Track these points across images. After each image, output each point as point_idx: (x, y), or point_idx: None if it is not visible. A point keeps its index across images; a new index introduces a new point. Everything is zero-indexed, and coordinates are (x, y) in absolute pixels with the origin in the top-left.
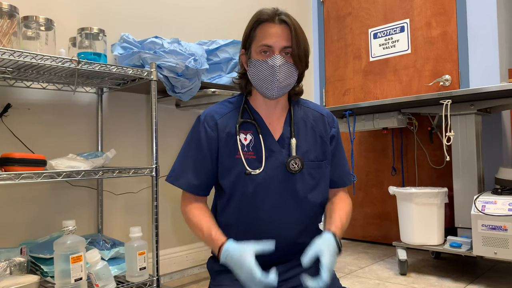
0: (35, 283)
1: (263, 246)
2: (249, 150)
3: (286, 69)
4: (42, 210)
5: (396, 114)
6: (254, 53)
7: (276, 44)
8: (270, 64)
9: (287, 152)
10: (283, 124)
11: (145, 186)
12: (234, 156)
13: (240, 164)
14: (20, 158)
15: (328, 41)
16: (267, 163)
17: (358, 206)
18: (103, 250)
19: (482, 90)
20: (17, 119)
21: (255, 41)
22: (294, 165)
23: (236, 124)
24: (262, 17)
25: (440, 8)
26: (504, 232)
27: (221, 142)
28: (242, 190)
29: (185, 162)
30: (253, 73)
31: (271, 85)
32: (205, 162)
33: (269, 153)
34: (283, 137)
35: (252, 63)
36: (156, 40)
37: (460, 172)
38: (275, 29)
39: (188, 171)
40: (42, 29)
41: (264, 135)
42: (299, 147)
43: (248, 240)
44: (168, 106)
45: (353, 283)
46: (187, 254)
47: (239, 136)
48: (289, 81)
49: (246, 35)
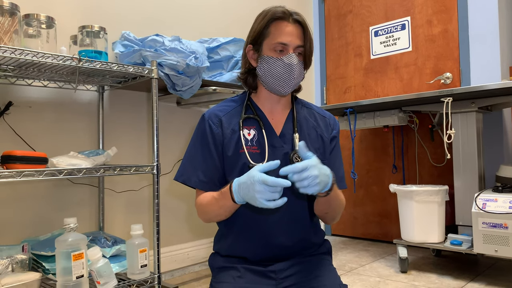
0: (37, 280)
1: (268, 165)
2: (252, 144)
3: (298, 68)
4: (43, 207)
5: (397, 112)
6: (267, 50)
7: (291, 42)
8: (286, 62)
9: (289, 147)
10: (285, 120)
11: (146, 184)
12: (238, 151)
13: (244, 158)
14: (21, 156)
15: (329, 39)
16: (270, 158)
17: (359, 204)
18: (104, 248)
19: (483, 88)
20: (18, 117)
21: (269, 38)
22: (297, 159)
23: (240, 119)
24: (277, 15)
25: (441, 5)
26: (504, 230)
27: (226, 139)
28: None
29: (194, 160)
30: (265, 69)
31: (286, 83)
32: (213, 159)
33: (271, 148)
34: (285, 132)
35: (264, 59)
36: (157, 38)
37: (460, 170)
38: (290, 28)
39: (197, 169)
40: (43, 27)
41: (267, 130)
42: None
43: (251, 234)
44: (169, 104)
45: (354, 280)
46: (188, 252)
47: (243, 131)
48: (300, 79)
49: (257, 32)
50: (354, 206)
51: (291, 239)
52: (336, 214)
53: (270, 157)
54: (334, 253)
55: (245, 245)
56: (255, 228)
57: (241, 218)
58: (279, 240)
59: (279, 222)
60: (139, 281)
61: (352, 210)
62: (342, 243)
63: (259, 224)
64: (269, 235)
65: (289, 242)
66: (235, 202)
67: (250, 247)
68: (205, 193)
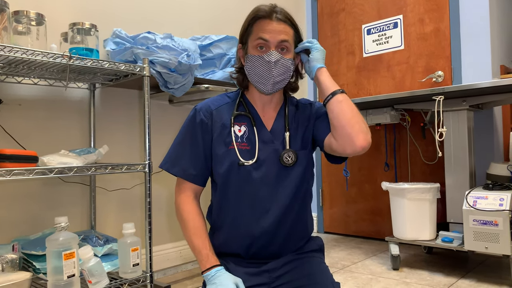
0: (28, 280)
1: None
2: (242, 141)
3: (281, 64)
4: (34, 206)
5: (389, 110)
6: (251, 48)
7: (272, 38)
8: (266, 60)
9: (279, 144)
10: (275, 116)
11: (138, 182)
12: (227, 147)
13: (233, 154)
14: (11, 155)
15: (321, 37)
16: (260, 154)
17: (351, 201)
18: (96, 247)
19: (474, 86)
20: (8, 114)
21: (252, 36)
22: (287, 158)
23: (231, 116)
24: (259, 13)
25: (433, 4)
26: (495, 227)
27: (215, 132)
28: (235, 181)
29: (180, 149)
30: (249, 68)
31: (266, 81)
32: (200, 150)
33: (262, 144)
34: (276, 129)
35: (248, 58)
36: (148, 36)
37: (452, 167)
38: (271, 25)
39: (183, 158)
40: (33, 24)
41: (258, 127)
42: (292, 140)
43: (241, 231)
44: (161, 101)
45: (346, 278)
46: (180, 250)
47: (233, 128)
48: (284, 76)
49: (243, 31)
50: (347, 203)
51: (283, 233)
52: (360, 120)
53: (260, 153)
54: (327, 251)
55: (235, 239)
56: (246, 224)
57: (232, 215)
58: (272, 235)
59: (270, 216)
60: (131, 280)
61: (345, 208)
62: (335, 241)
63: (250, 218)
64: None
65: (281, 235)
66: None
67: (239, 239)
68: (189, 206)
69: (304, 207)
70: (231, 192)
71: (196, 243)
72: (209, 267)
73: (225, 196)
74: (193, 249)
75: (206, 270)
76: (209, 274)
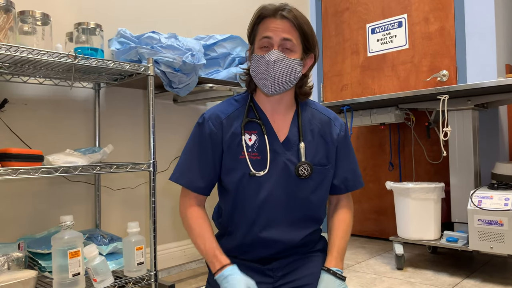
0: (33, 278)
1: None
2: (253, 151)
3: (283, 64)
4: (39, 205)
5: (394, 109)
6: (256, 48)
7: (275, 36)
8: (266, 59)
9: (292, 154)
10: (289, 124)
11: (142, 181)
12: (238, 156)
13: (244, 165)
14: (17, 154)
15: (326, 36)
16: (272, 165)
17: (356, 201)
18: (101, 245)
19: (479, 86)
20: (14, 114)
21: (257, 37)
22: (303, 171)
23: (241, 124)
24: (264, 12)
25: (438, 3)
26: (500, 227)
27: (226, 142)
28: (246, 191)
29: (190, 160)
30: (253, 68)
31: (265, 81)
32: (209, 161)
33: (273, 154)
34: (290, 139)
35: (253, 58)
36: (153, 35)
37: (457, 167)
38: (275, 24)
39: (192, 169)
40: (39, 24)
41: (269, 136)
42: (307, 151)
43: (253, 241)
44: (166, 101)
45: (350, 277)
46: (185, 249)
47: (244, 137)
48: (289, 77)
49: (249, 31)
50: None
51: (292, 243)
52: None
53: (272, 163)
54: None
55: (247, 247)
56: (255, 234)
57: (242, 225)
58: (280, 244)
59: (280, 227)
60: (135, 279)
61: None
62: None
63: (260, 229)
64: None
65: (290, 246)
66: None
67: (251, 248)
68: (197, 217)
69: (316, 219)
70: (243, 202)
71: (203, 247)
72: (219, 267)
73: (236, 205)
74: (204, 253)
75: (218, 271)
76: (221, 275)
